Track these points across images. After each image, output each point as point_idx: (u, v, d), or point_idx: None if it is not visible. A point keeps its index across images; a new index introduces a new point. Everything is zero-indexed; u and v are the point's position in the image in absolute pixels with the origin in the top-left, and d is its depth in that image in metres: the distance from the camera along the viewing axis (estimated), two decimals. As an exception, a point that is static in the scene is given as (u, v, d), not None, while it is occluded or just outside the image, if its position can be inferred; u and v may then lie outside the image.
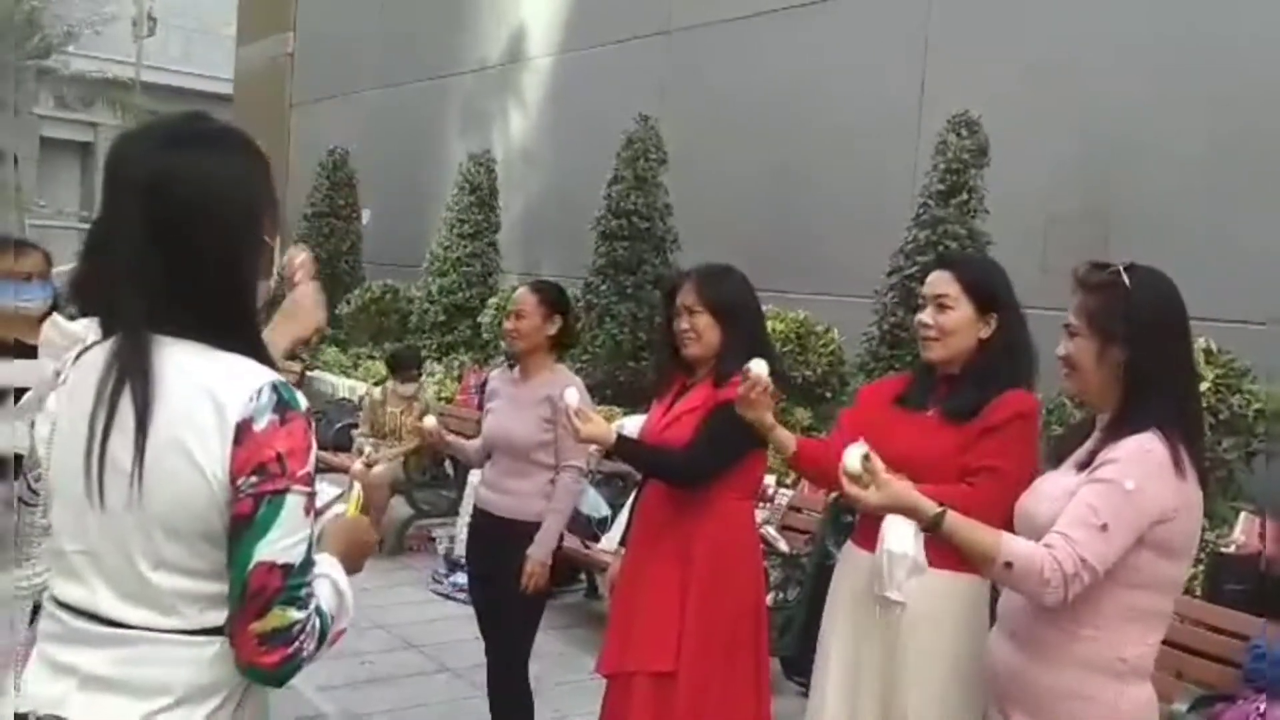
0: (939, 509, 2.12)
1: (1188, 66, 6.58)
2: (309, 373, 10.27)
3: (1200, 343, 5.20)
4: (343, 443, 8.04)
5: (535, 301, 3.87)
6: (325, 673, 5.05)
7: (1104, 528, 2.09)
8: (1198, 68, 6.53)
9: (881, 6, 8.59)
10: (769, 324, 7.37)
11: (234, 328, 1.50)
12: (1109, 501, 2.11)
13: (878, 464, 2.13)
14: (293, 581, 1.43)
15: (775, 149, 8.99)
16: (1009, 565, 2.09)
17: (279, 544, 1.42)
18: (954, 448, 2.72)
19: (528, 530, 3.79)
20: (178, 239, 1.45)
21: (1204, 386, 5.04)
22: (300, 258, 1.97)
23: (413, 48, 13.78)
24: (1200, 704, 3.72)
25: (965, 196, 6.42)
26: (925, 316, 2.84)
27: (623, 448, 3.29)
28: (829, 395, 7.42)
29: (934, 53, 8.10)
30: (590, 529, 5.67)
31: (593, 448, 3.59)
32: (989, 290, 2.83)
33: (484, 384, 3.59)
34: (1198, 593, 4.46)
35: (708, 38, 9.91)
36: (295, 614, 1.43)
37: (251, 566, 1.41)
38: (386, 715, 4.72)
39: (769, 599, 5.24)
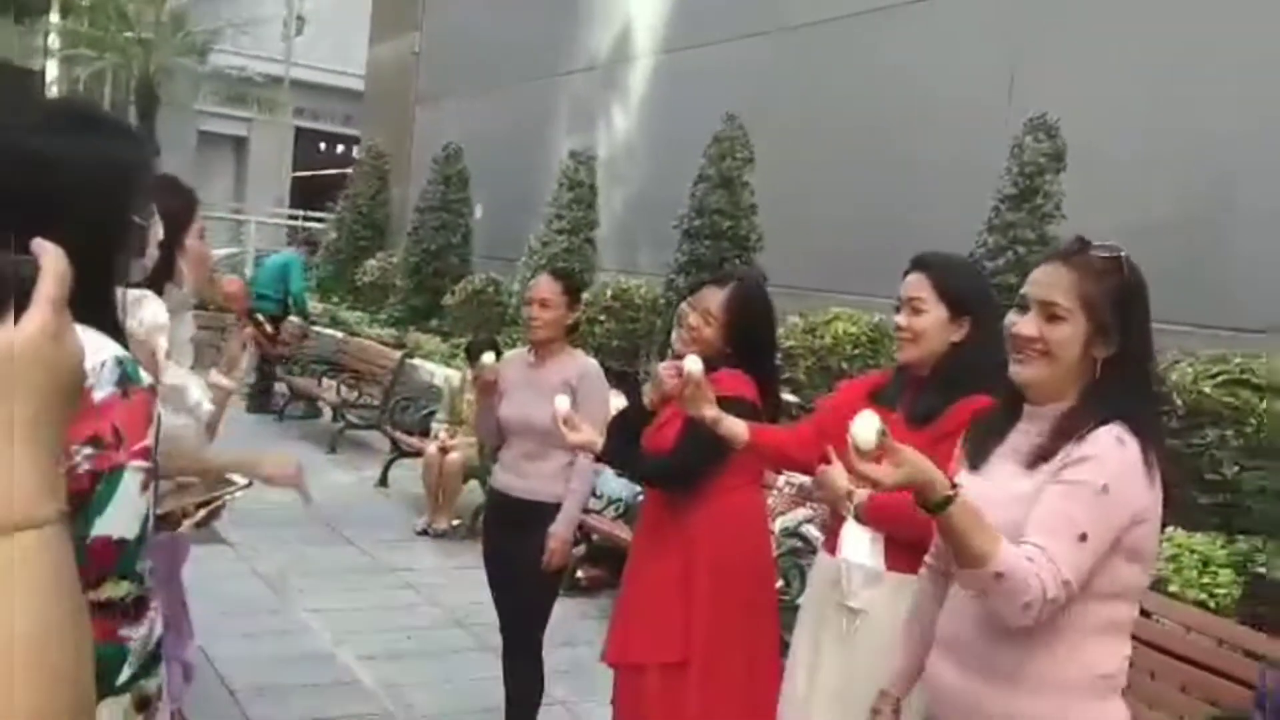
0: (951, 491, 1.88)
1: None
2: (410, 360, 10.56)
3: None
4: (426, 428, 8.35)
5: (560, 290, 3.99)
6: (368, 644, 5.29)
7: (1083, 537, 1.90)
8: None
9: (976, 6, 8.45)
10: (841, 326, 7.45)
11: (90, 304, 1.47)
12: (1085, 506, 1.92)
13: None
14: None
15: (864, 151, 8.91)
16: (999, 575, 1.86)
17: (115, 519, 1.39)
18: None
19: (546, 512, 3.92)
20: (45, 217, 1.44)
21: None
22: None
23: (528, 48, 14.07)
24: (1210, 726, 3.60)
25: (1039, 200, 6.28)
26: (900, 319, 2.83)
27: (611, 454, 3.39)
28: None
29: (1024, 55, 7.92)
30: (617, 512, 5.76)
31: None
32: (961, 293, 2.80)
33: None
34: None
35: (806, 38, 9.86)
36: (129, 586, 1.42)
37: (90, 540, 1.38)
38: (420, 688, 4.89)
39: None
